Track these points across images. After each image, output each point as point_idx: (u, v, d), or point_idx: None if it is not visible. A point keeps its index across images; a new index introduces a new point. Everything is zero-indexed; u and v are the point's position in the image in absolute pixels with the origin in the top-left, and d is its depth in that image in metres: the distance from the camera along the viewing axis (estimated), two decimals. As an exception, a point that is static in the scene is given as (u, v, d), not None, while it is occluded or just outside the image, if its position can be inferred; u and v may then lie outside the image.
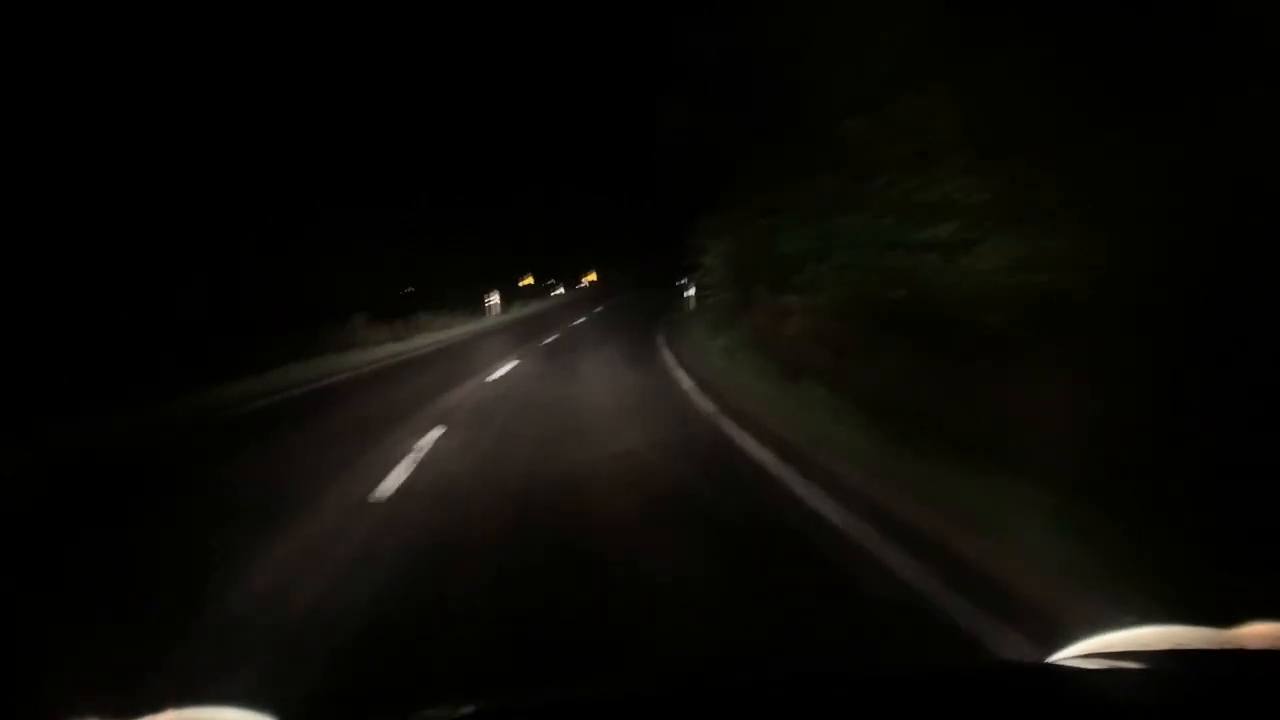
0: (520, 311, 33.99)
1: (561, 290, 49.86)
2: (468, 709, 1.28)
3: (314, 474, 6.17)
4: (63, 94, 14.62)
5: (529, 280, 46.53)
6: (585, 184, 65.22)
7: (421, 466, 6.15)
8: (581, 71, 57.32)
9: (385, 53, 27.51)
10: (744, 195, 10.70)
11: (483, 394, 10.21)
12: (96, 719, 0.99)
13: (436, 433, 7.46)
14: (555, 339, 18.78)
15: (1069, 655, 1.15)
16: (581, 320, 25.39)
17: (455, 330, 25.06)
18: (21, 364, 11.46)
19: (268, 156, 19.75)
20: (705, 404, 8.07)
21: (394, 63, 28.09)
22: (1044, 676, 1.15)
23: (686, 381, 9.77)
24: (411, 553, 4.14)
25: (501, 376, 11.86)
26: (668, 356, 12.85)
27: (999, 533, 3.40)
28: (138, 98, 16.12)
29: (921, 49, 5.67)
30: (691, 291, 22.46)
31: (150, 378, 12.04)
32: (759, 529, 4.18)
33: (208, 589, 3.73)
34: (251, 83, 19.09)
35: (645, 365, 12.06)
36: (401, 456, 6.46)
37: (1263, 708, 0.96)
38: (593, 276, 67.52)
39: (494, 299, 31.72)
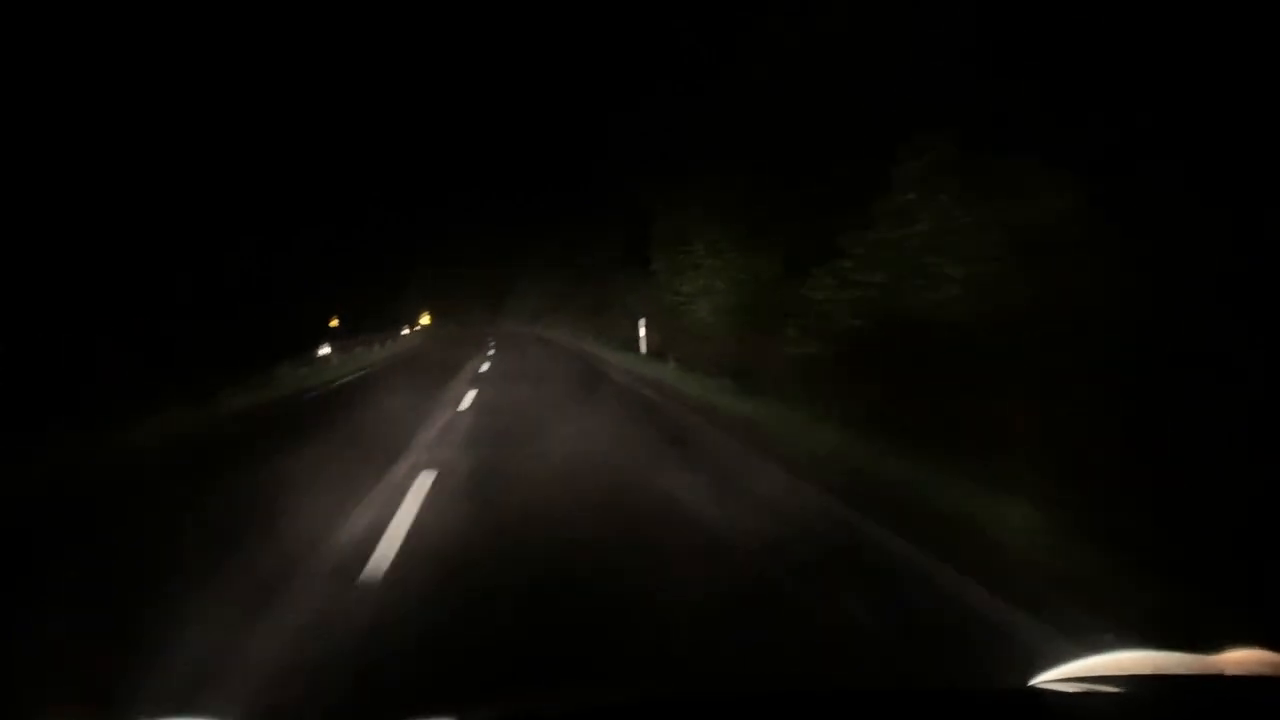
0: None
1: (327, 350, 26.57)
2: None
3: None
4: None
5: (334, 323, 35.82)
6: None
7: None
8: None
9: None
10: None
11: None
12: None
13: None
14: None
15: (1050, 679, 1.18)
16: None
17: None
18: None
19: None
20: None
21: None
22: (1025, 700, 1.18)
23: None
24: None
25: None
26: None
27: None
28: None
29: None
30: None
31: None
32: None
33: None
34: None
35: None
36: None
37: None
38: (426, 319, 58.63)
39: None
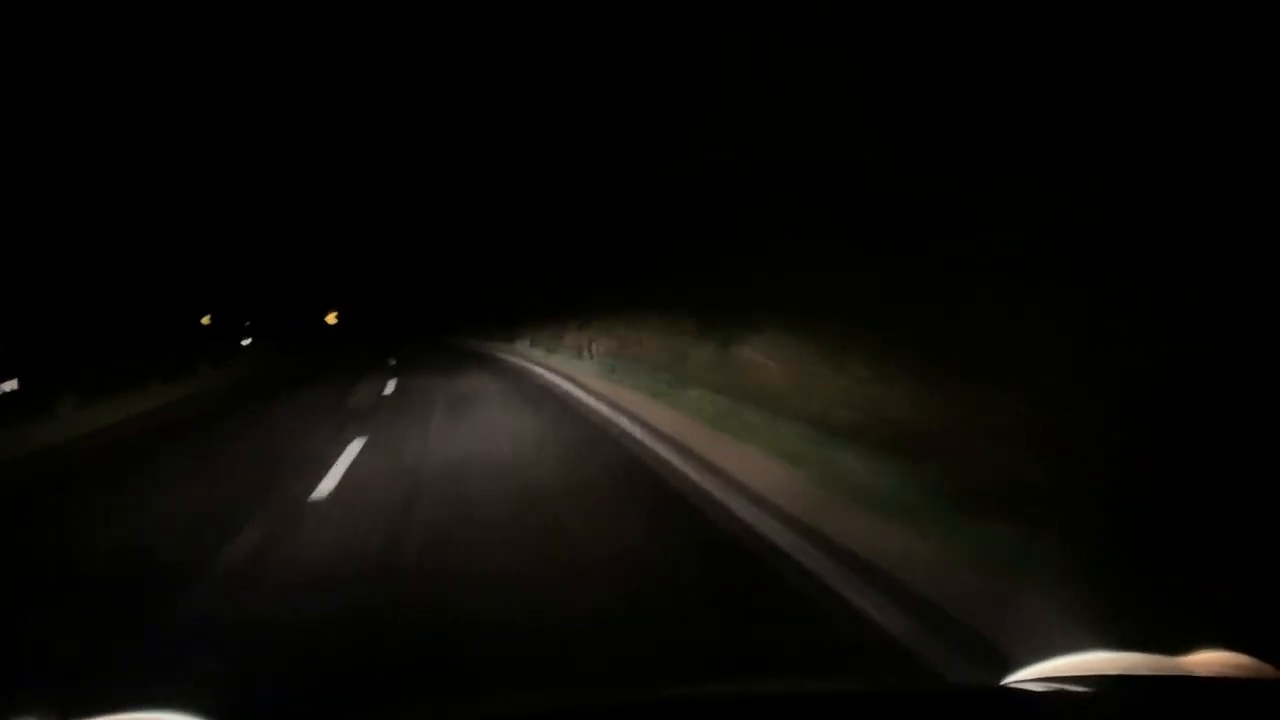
0: None
1: None
2: None
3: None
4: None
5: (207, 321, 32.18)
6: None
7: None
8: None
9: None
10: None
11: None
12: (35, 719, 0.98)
13: None
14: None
15: (1022, 679, 1.17)
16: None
17: None
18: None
19: None
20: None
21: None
22: (997, 700, 1.17)
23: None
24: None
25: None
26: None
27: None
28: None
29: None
30: None
31: None
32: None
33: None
34: None
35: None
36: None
37: None
38: (334, 317, 52.36)
39: None
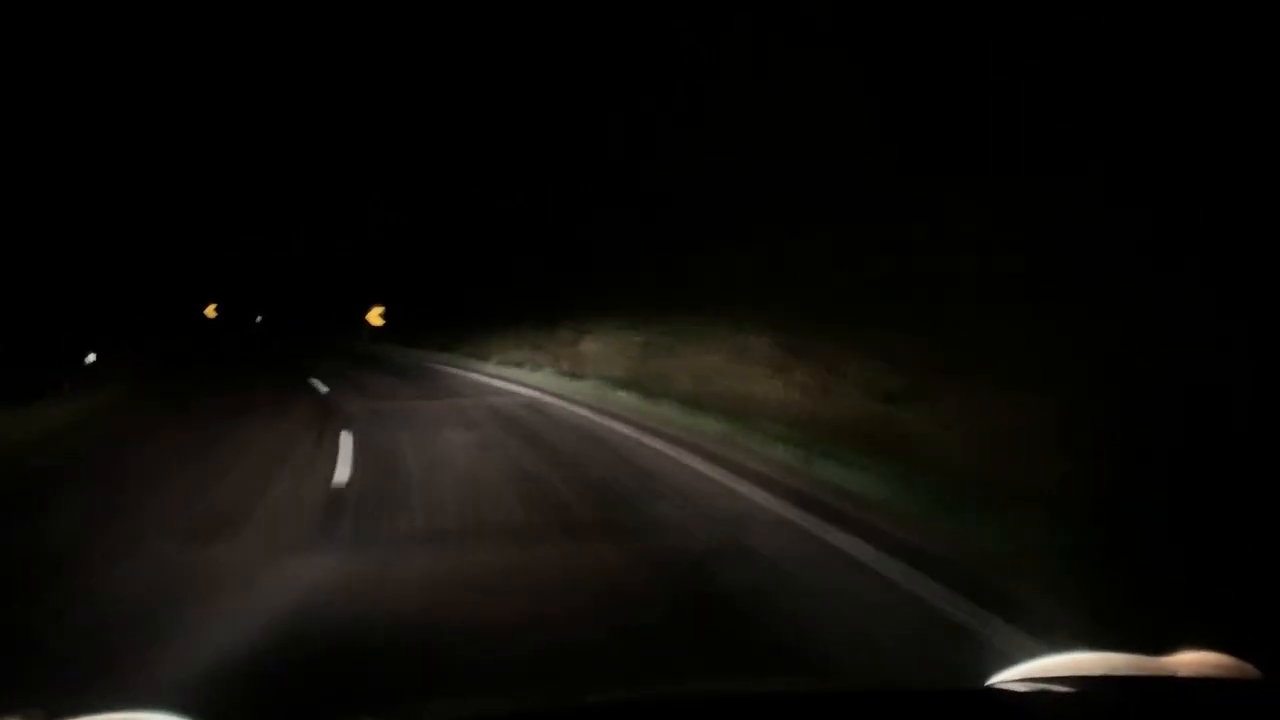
0: None
1: None
2: None
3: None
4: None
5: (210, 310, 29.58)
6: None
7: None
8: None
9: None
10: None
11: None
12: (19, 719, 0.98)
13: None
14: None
15: (1007, 679, 1.18)
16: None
17: None
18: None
19: None
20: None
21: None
22: (983, 699, 1.17)
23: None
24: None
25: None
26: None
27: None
28: None
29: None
30: None
31: None
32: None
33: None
34: None
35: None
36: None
37: None
38: (379, 315, 46.78)
39: None
